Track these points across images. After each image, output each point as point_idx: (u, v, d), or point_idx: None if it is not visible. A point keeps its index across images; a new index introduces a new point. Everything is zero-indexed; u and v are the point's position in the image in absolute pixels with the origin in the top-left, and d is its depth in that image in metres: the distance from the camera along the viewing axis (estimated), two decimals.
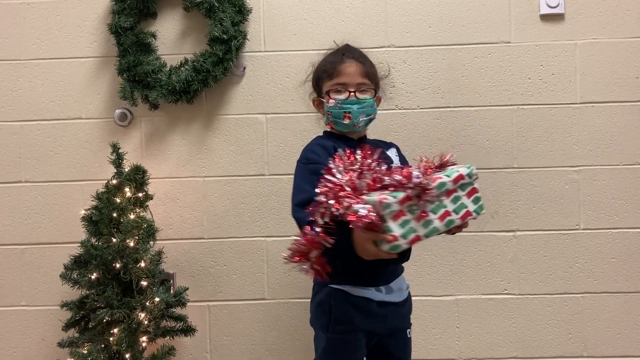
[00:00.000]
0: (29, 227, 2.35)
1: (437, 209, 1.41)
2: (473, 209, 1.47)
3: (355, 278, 1.66)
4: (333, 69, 1.72)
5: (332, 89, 1.72)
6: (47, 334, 2.34)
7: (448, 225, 1.44)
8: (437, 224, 1.42)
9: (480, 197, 1.49)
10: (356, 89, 1.70)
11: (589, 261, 2.28)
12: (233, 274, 2.33)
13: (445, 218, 1.42)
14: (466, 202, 1.46)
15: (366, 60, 1.77)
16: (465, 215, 1.46)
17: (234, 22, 2.22)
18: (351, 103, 1.69)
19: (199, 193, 2.33)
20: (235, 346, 2.33)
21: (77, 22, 2.35)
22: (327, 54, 1.83)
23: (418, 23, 2.31)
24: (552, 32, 2.29)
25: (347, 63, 1.72)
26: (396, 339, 1.75)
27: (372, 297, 1.66)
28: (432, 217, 1.40)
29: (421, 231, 1.39)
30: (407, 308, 1.79)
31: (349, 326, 1.66)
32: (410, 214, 1.37)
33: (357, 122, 1.71)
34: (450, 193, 1.44)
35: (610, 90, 2.28)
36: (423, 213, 1.38)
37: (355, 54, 1.77)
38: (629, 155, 2.27)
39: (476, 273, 2.30)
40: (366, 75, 1.73)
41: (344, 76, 1.71)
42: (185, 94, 2.25)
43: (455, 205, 1.44)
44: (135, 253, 2.01)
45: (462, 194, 1.46)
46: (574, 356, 2.28)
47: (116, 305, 1.98)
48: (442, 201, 1.42)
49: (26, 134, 2.35)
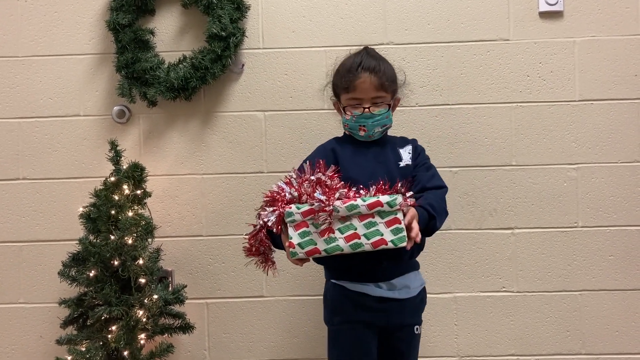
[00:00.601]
0: (26, 225, 2.35)
1: (346, 229, 1.48)
2: (390, 238, 1.48)
3: (352, 274, 1.75)
4: (349, 83, 1.77)
5: (348, 104, 1.78)
6: (45, 332, 2.34)
7: (354, 247, 1.48)
8: (341, 242, 1.48)
9: (403, 229, 1.49)
10: (371, 103, 1.76)
11: (587, 259, 2.29)
12: (231, 271, 2.33)
13: (352, 240, 1.48)
14: (382, 230, 1.48)
15: (382, 69, 1.78)
16: (378, 242, 1.48)
17: (233, 19, 2.22)
18: (366, 118, 1.76)
19: (197, 190, 2.33)
20: (234, 343, 2.33)
21: (75, 19, 2.34)
22: (347, 57, 1.85)
23: (417, 20, 2.30)
24: (551, 29, 2.29)
25: (362, 78, 1.75)
26: (403, 335, 1.80)
27: (369, 293, 1.74)
28: (337, 235, 1.48)
29: (321, 245, 1.49)
30: (415, 305, 1.82)
31: (344, 317, 1.77)
32: (314, 227, 1.49)
33: (372, 133, 1.79)
34: (365, 217, 1.48)
35: (609, 88, 2.28)
36: (328, 229, 1.48)
37: (372, 65, 1.78)
38: (628, 153, 2.28)
39: (474, 271, 2.30)
40: (381, 87, 1.76)
41: (359, 92, 1.76)
42: (184, 91, 2.25)
43: (367, 230, 1.48)
44: (134, 250, 2.00)
45: (379, 221, 1.48)
46: (572, 353, 2.28)
47: (114, 302, 1.97)
48: (351, 223, 1.48)
49: (24, 131, 2.35)
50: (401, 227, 1.48)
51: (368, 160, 1.77)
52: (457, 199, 2.29)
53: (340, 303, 1.78)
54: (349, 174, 1.71)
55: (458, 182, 2.29)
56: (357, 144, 1.82)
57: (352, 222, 1.48)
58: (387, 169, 1.76)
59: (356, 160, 1.75)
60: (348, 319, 1.76)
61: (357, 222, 1.48)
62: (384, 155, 1.80)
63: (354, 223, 1.48)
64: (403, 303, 1.77)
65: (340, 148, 1.81)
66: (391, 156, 1.80)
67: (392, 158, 1.80)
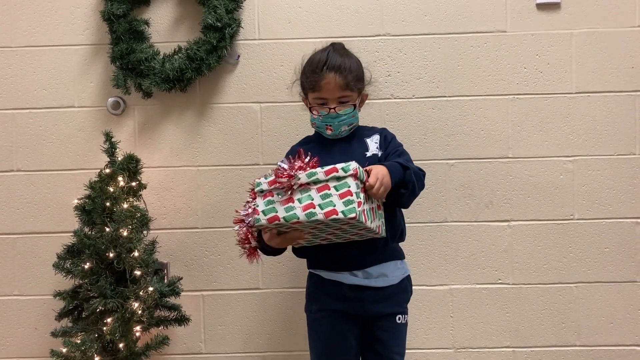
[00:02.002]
0: (21, 217, 2.33)
1: (304, 199, 1.56)
2: (341, 209, 1.52)
3: (328, 263, 1.80)
4: (314, 83, 1.78)
5: (314, 103, 1.80)
6: (40, 324, 2.33)
7: (309, 216, 1.55)
8: (298, 211, 1.55)
9: (354, 201, 1.52)
10: (337, 103, 1.78)
11: (583, 251, 2.29)
12: (227, 263, 2.32)
13: (307, 209, 1.55)
14: (335, 201, 1.54)
15: (348, 68, 1.78)
16: (330, 212, 1.53)
17: (228, 9, 2.20)
18: (332, 117, 1.78)
19: (192, 182, 2.32)
20: (230, 335, 2.33)
21: (69, 9, 2.32)
22: (314, 54, 1.85)
23: (414, 11, 2.29)
24: (548, 21, 2.28)
25: (326, 79, 1.76)
26: (383, 324, 1.80)
27: (343, 281, 1.78)
28: (295, 205, 1.56)
29: (281, 213, 1.57)
30: (395, 294, 1.82)
31: (320, 305, 1.82)
32: (278, 196, 1.58)
33: (338, 132, 1.83)
34: (322, 189, 1.55)
35: (605, 80, 2.27)
36: (288, 199, 1.57)
37: (337, 64, 1.77)
38: (624, 145, 2.28)
39: (470, 263, 2.30)
40: (346, 87, 1.77)
41: (324, 92, 1.77)
42: (179, 82, 2.24)
43: (322, 200, 1.55)
44: (129, 242, 2.00)
45: (334, 193, 1.54)
46: (567, 345, 2.29)
47: (109, 294, 1.97)
48: (309, 194, 1.56)
49: (18, 123, 2.33)
50: (352, 199, 1.52)
51: (334, 156, 1.78)
52: (453, 191, 2.29)
53: (316, 292, 1.84)
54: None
55: (454, 174, 2.29)
56: (323, 141, 1.85)
57: (311, 193, 1.55)
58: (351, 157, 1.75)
59: (322, 158, 1.73)
60: (324, 308, 1.80)
61: (315, 193, 1.55)
62: (350, 149, 1.82)
63: (311, 194, 1.55)
64: (380, 292, 1.79)
65: (307, 147, 1.82)
66: (357, 148, 1.83)
67: (357, 149, 1.82)
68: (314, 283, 1.85)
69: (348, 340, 1.79)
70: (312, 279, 1.86)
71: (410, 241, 2.28)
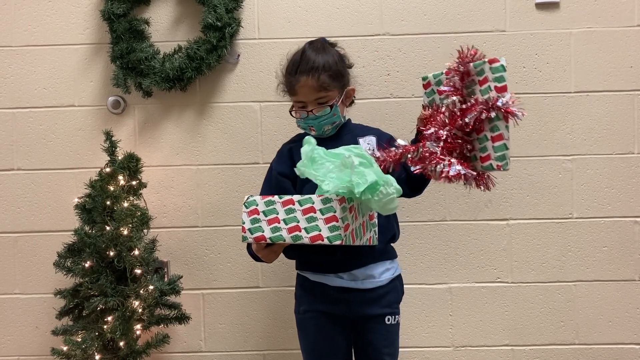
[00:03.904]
0: (22, 215, 2.34)
1: (290, 220, 1.51)
2: (326, 235, 1.48)
3: (314, 265, 1.80)
4: (290, 88, 1.78)
5: (295, 106, 1.80)
6: (40, 322, 2.34)
7: (294, 239, 1.51)
8: (284, 233, 1.51)
9: (339, 227, 1.47)
10: (315, 105, 1.76)
11: (582, 250, 2.30)
12: (227, 262, 2.33)
13: (293, 232, 1.51)
14: (321, 226, 1.49)
15: (321, 67, 1.74)
16: (316, 237, 1.49)
17: (228, 9, 2.21)
18: (312, 119, 1.77)
19: (192, 181, 2.33)
20: (230, 334, 2.34)
21: (69, 9, 2.33)
22: (293, 54, 1.83)
23: (413, 11, 2.30)
24: (547, 20, 2.28)
25: (301, 82, 1.74)
26: (372, 325, 1.79)
27: (328, 283, 1.78)
28: (281, 225, 1.51)
29: (267, 233, 1.53)
30: (383, 295, 1.80)
31: (306, 306, 1.82)
32: (264, 215, 1.53)
33: (322, 132, 1.81)
34: (308, 211, 1.50)
35: (604, 80, 2.28)
36: (274, 219, 1.52)
37: (309, 66, 1.74)
38: (623, 144, 2.28)
39: (469, 261, 2.31)
40: (321, 87, 1.74)
41: (301, 95, 1.77)
42: (179, 81, 2.24)
43: (308, 224, 1.50)
44: (129, 241, 2.00)
45: (319, 217, 1.49)
46: (566, 343, 2.30)
47: (110, 293, 1.98)
48: (294, 214, 1.51)
49: (18, 122, 2.34)
50: (337, 225, 1.47)
51: None
52: (452, 190, 2.29)
53: (303, 293, 1.84)
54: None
55: None
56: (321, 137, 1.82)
57: (296, 214, 1.50)
58: None
59: None
60: (311, 309, 1.81)
61: (300, 215, 1.50)
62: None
63: (297, 215, 1.50)
64: (366, 293, 1.77)
65: (296, 146, 1.78)
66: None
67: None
68: (301, 284, 1.85)
69: (336, 340, 1.79)
70: (299, 280, 1.87)
71: (409, 240, 2.28)
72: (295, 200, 1.51)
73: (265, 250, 1.63)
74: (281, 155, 1.88)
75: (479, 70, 1.49)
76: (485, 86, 1.47)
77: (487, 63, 1.47)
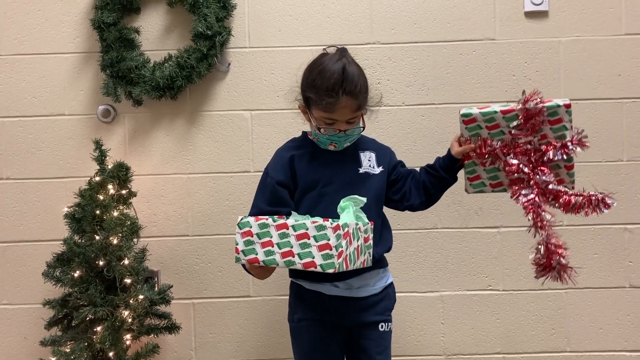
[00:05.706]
0: (10, 225, 2.32)
1: (283, 245, 1.51)
2: (319, 262, 1.48)
3: (309, 274, 1.71)
4: (329, 106, 1.65)
5: (322, 121, 1.69)
6: (29, 333, 2.32)
7: (287, 264, 1.50)
8: (277, 258, 1.51)
9: (333, 255, 1.47)
10: (346, 124, 1.69)
11: (572, 257, 2.26)
12: (218, 271, 2.32)
13: (286, 257, 1.50)
14: (314, 253, 1.48)
15: (362, 88, 1.69)
16: (309, 264, 1.48)
17: (219, 17, 2.21)
18: (340, 137, 1.71)
19: (183, 190, 2.32)
20: (220, 343, 2.32)
21: (59, 17, 2.32)
22: (324, 64, 1.69)
23: (403, 20, 2.31)
24: (536, 29, 2.30)
25: (343, 102, 1.64)
26: (366, 332, 1.79)
27: (324, 291, 1.75)
28: (275, 249, 1.50)
29: (261, 257, 1.52)
30: (376, 302, 1.79)
31: (301, 315, 1.80)
32: (257, 237, 1.52)
33: (340, 148, 1.76)
34: (301, 237, 1.49)
35: (593, 88, 2.30)
36: (267, 242, 1.51)
37: (354, 87, 1.65)
38: (612, 152, 2.29)
39: (460, 269, 2.31)
40: (359, 108, 1.70)
41: (337, 114, 1.67)
42: (169, 90, 2.24)
43: (301, 250, 1.49)
44: (119, 250, 1.99)
45: (313, 243, 1.48)
46: (557, 351, 2.30)
47: (99, 303, 1.96)
48: (288, 239, 1.50)
49: (7, 131, 2.33)
50: (331, 254, 1.47)
51: (326, 170, 1.75)
52: (443, 198, 2.26)
53: (297, 301, 1.82)
54: (307, 178, 1.73)
55: None
56: (315, 149, 1.78)
57: (290, 239, 1.50)
58: (344, 172, 1.75)
59: (315, 170, 1.73)
60: (305, 317, 1.79)
61: (294, 241, 1.49)
62: (343, 164, 1.77)
63: (290, 240, 1.49)
64: (361, 301, 1.77)
65: (298, 153, 1.77)
66: (349, 162, 1.78)
67: (350, 165, 1.77)
68: (295, 292, 1.83)
69: (331, 349, 1.78)
70: (294, 288, 1.84)
71: (401, 248, 2.28)
72: (290, 225, 1.50)
73: (258, 269, 1.63)
74: (281, 163, 1.78)
75: (551, 112, 1.62)
76: (558, 126, 1.64)
77: (562, 106, 1.62)
